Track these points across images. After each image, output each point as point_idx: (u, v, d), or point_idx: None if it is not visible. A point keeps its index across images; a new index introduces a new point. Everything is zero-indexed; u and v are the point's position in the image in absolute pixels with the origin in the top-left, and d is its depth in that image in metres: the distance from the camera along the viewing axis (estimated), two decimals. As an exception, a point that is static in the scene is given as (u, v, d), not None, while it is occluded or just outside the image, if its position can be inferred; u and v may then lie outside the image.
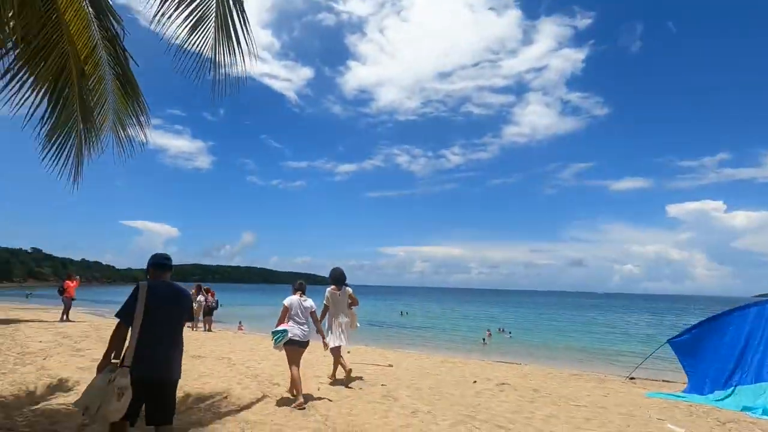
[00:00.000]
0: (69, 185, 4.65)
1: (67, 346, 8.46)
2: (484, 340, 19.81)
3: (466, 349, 17.06)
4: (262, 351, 9.13)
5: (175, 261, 3.33)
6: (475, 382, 6.94)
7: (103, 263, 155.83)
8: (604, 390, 6.94)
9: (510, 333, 23.39)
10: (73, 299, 14.91)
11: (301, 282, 5.68)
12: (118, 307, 2.88)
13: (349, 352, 9.86)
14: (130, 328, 2.77)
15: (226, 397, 5.28)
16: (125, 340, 2.78)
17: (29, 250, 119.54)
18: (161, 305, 2.84)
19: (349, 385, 6.16)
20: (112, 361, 2.81)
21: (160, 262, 3.06)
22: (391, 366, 8.01)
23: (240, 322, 19.42)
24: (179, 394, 5.31)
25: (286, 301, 5.44)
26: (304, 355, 5.50)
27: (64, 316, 14.37)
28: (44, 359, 7.10)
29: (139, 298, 2.77)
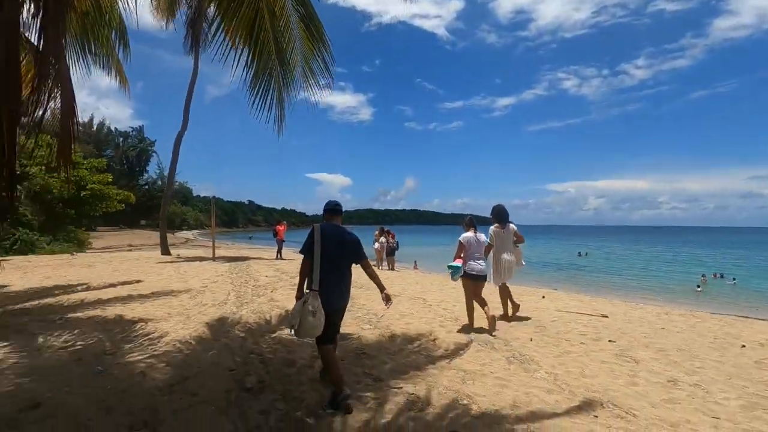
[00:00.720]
0: (275, 135, 4.79)
1: (285, 281, 9.82)
2: (698, 286, 16.64)
3: (674, 296, 14.30)
4: (452, 292, 8.94)
5: (350, 207, 3.53)
6: (743, 346, 5.23)
7: (297, 211, 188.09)
8: None
9: (734, 278, 19.05)
10: (283, 241, 17.71)
11: (471, 218, 5.81)
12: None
13: (543, 297, 8.95)
14: (312, 262, 3.29)
15: (434, 341, 5.08)
16: (310, 271, 3.30)
17: (246, 202, 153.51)
18: (331, 243, 3.31)
19: (567, 338, 5.33)
20: (305, 291, 3.35)
21: (331, 208, 3.57)
22: (606, 317, 6.78)
23: (415, 262, 20.35)
24: (386, 332, 5.42)
25: (463, 238, 5.63)
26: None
27: (278, 255, 17.21)
28: (272, 291, 8.29)
29: (315, 238, 3.29)
